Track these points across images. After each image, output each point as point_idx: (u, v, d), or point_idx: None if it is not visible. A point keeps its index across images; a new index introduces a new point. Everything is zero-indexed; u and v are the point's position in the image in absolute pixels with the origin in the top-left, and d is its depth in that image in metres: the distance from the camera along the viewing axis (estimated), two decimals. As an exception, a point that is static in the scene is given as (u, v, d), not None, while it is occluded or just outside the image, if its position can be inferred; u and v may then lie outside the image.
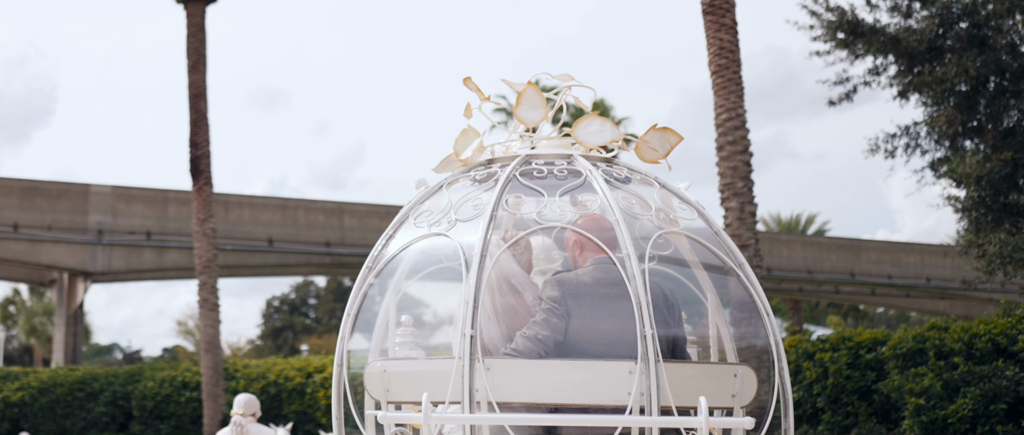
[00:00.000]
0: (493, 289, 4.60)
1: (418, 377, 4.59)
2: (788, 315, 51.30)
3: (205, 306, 20.70)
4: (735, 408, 4.52)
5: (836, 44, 19.80)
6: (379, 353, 5.10)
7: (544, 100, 4.91)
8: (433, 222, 4.64)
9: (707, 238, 4.75)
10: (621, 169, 4.80)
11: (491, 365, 4.23)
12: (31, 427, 22.53)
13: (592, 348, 4.38)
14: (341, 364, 4.84)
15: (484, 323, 4.47)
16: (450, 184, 4.86)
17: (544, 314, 4.44)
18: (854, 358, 13.98)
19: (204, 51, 21.13)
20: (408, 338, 5.05)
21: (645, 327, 4.16)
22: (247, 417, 9.06)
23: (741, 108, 15.83)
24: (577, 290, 4.48)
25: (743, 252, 15.18)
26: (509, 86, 5.02)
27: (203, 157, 20.90)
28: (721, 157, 15.74)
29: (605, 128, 4.91)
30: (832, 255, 41.68)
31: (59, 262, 30.64)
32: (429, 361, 4.89)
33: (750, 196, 15.54)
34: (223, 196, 32.22)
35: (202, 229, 20.72)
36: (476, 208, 4.53)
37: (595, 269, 4.53)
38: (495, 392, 4.20)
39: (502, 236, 4.64)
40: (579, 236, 4.60)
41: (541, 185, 4.61)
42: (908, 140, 19.86)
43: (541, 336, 4.40)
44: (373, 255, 4.85)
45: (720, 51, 16.02)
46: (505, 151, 4.94)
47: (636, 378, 4.14)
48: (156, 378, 22.52)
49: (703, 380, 4.51)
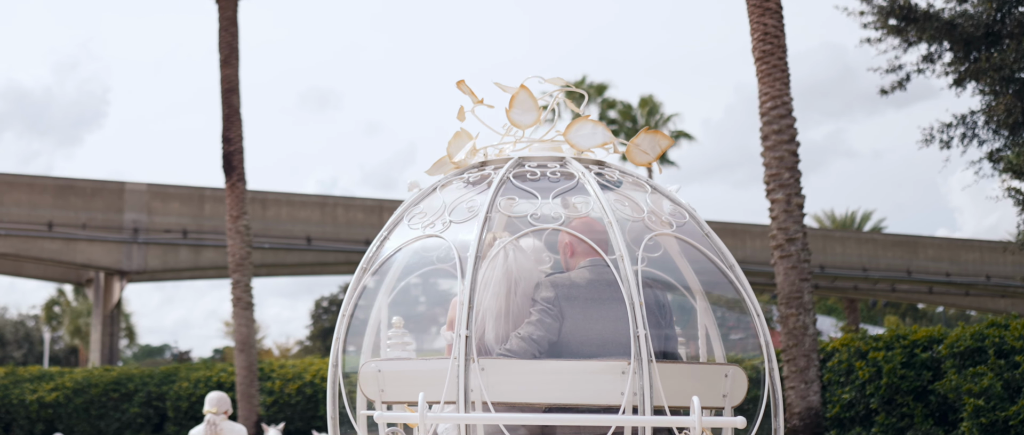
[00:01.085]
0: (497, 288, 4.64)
1: (412, 377, 4.62)
2: (843, 314, 50.33)
3: (239, 305, 20.27)
4: (726, 408, 4.61)
5: (888, 31, 19.06)
6: (371, 353, 5.21)
7: (537, 103, 4.95)
8: (428, 224, 4.71)
9: (698, 240, 4.84)
10: (613, 171, 4.90)
11: (485, 365, 4.29)
12: (65, 428, 22.30)
13: (585, 348, 4.47)
14: (336, 364, 4.89)
15: (486, 322, 4.56)
16: (443, 186, 4.93)
17: (538, 315, 4.53)
18: (909, 357, 13.38)
19: (236, 45, 20.75)
20: (399, 339, 5.19)
21: (638, 328, 4.25)
22: (219, 415, 9.22)
23: (787, 95, 15.15)
24: (571, 291, 4.58)
25: (790, 247, 14.65)
26: (502, 89, 5.04)
27: (236, 153, 20.50)
28: (766, 147, 15.08)
29: (597, 131, 4.99)
30: (888, 252, 40.77)
31: (94, 261, 30.42)
32: (424, 361, 4.95)
33: (797, 187, 14.87)
34: (260, 194, 31.90)
35: (235, 226, 20.30)
36: (470, 210, 4.61)
37: (589, 271, 4.63)
38: (489, 392, 4.26)
39: (495, 237, 4.67)
40: (572, 238, 4.70)
41: (534, 187, 4.70)
42: (965, 130, 19.07)
43: (536, 336, 4.48)
44: (368, 256, 4.91)
45: (764, 37, 15.34)
46: (498, 154, 5.00)
47: (629, 378, 4.23)
48: (191, 378, 22.18)
49: (694, 380, 4.60)
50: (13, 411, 22.92)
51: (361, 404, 4.95)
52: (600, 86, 55.68)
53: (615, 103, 55.99)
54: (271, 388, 21.42)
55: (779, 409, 4.67)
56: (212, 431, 9.10)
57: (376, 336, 5.25)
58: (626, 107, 55.96)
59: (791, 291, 14.44)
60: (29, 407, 22.74)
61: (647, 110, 56.02)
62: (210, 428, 9.10)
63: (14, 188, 30.09)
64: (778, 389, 4.70)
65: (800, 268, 14.49)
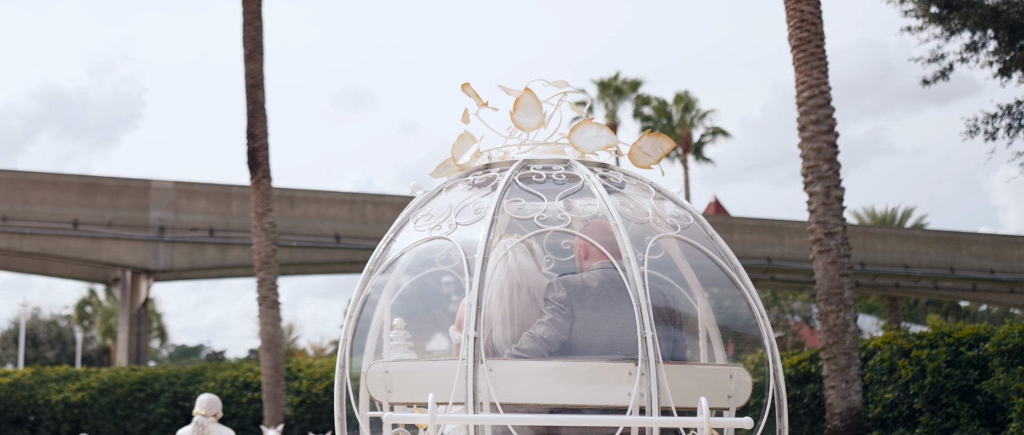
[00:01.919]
0: (505, 289, 4.70)
1: (420, 378, 4.63)
2: (884, 313, 49.56)
3: (264, 304, 19.94)
4: (730, 409, 4.64)
5: (929, 19, 18.48)
6: (373, 354, 5.20)
7: (541, 106, 4.99)
8: (434, 225, 4.72)
9: (702, 242, 4.83)
10: (617, 174, 4.95)
11: (494, 366, 4.31)
12: (91, 429, 22.07)
13: (594, 349, 4.52)
14: (343, 366, 4.87)
15: (493, 324, 4.60)
16: (448, 188, 4.95)
17: (550, 314, 4.56)
18: (954, 355, 12.89)
19: (260, 40, 20.43)
20: (401, 340, 5.28)
21: (646, 329, 4.28)
22: (209, 417, 9.32)
23: (825, 84, 14.64)
24: (582, 292, 4.61)
25: (829, 241, 14.09)
26: (506, 92, 5.07)
27: (261, 149, 20.16)
28: (804, 138, 14.57)
29: (601, 134, 5.02)
30: (930, 249, 40.00)
31: (120, 260, 30.17)
32: (432, 362, 4.93)
33: (837, 179, 14.35)
34: (288, 191, 31.55)
35: (261, 223, 19.96)
36: (477, 212, 4.63)
37: (600, 273, 4.66)
38: (497, 393, 4.28)
39: (499, 238, 4.72)
40: (584, 242, 4.74)
41: (540, 189, 4.72)
42: (1010, 121, 18.42)
43: (547, 336, 4.51)
44: (374, 258, 4.92)
45: (801, 23, 14.84)
46: (502, 156, 5.05)
47: (636, 379, 4.27)
48: (217, 378, 21.89)
49: (699, 381, 4.61)
50: (39, 411, 22.72)
51: (364, 404, 4.93)
52: (634, 82, 55.17)
53: (649, 99, 55.48)
54: (298, 388, 21.09)
55: (783, 410, 4.65)
56: (200, 433, 9.25)
57: (379, 337, 5.26)
58: (661, 103, 55.43)
59: (831, 287, 13.95)
60: (55, 407, 22.53)
61: (682, 106, 55.46)
62: (198, 430, 9.24)
63: (39, 186, 29.91)
64: (782, 390, 4.67)
65: (840, 263, 14.00)
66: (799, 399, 14.66)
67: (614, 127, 55.03)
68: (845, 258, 14.10)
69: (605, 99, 55.10)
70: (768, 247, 38.12)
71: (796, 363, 14.95)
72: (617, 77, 55.24)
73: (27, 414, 22.88)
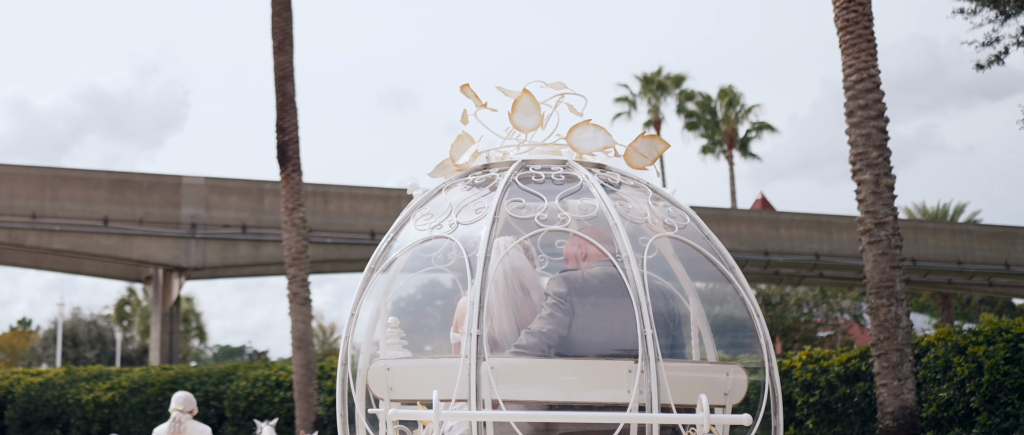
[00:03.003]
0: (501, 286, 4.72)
1: (422, 375, 4.64)
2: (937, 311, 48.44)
3: (295, 301, 19.50)
4: (727, 406, 4.66)
5: (983, 2, 17.64)
6: (370, 352, 5.22)
7: (539, 107, 5.02)
8: (435, 225, 4.74)
9: (698, 242, 4.86)
10: (614, 174, 5.00)
11: (495, 364, 4.33)
12: (121, 429, 21.75)
13: (593, 345, 4.56)
14: (345, 363, 4.97)
15: (491, 322, 4.60)
16: (448, 188, 5.00)
17: (549, 309, 4.59)
18: (1013, 352, 12.25)
19: (290, 31, 20.03)
20: (395, 339, 5.29)
21: (645, 327, 4.33)
22: (185, 413, 9.34)
23: (874, 67, 13.93)
24: (582, 288, 4.64)
25: (879, 231, 13.33)
26: (504, 93, 5.09)
27: (291, 142, 19.73)
28: (851, 124, 13.86)
29: (598, 135, 5.05)
30: (984, 244, 38.94)
31: (151, 257, 29.84)
32: (434, 360, 4.99)
33: (887, 167, 13.63)
34: (322, 187, 31.08)
35: (291, 218, 19.52)
36: (478, 211, 4.66)
37: (600, 270, 4.69)
38: (499, 390, 4.30)
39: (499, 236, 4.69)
40: (582, 241, 4.78)
41: (540, 189, 4.76)
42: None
43: (546, 330, 4.53)
44: (375, 256, 4.95)
45: (847, 4, 14.13)
46: (500, 157, 5.10)
47: (636, 376, 4.31)
48: (249, 377, 21.50)
49: (697, 378, 4.62)
50: (69, 411, 22.46)
51: (361, 401, 5.00)
52: (677, 77, 54.48)
53: (693, 95, 54.78)
54: (331, 387, 20.61)
55: (778, 408, 4.71)
56: (177, 429, 9.26)
57: (381, 335, 5.33)
58: (705, 98, 54.71)
59: (881, 279, 13.26)
60: (85, 407, 22.26)
61: (726, 101, 54.72)
62: (175, 426, 9.25)
63: (69, 183, 29.64)
64: (777, 388, 4.73)
65: (891, 254, 13.30)
66: (849, 398, 13.97)
67: (657, 123, 54.40)
68: (896, 249, 13.40)
69: (648, 94, 54.46)
70: (816, 243, 37.27)
71: (845, 360, 14.24)
72: (660, 72, 54.57)
73: (58, 413, 22.60)
